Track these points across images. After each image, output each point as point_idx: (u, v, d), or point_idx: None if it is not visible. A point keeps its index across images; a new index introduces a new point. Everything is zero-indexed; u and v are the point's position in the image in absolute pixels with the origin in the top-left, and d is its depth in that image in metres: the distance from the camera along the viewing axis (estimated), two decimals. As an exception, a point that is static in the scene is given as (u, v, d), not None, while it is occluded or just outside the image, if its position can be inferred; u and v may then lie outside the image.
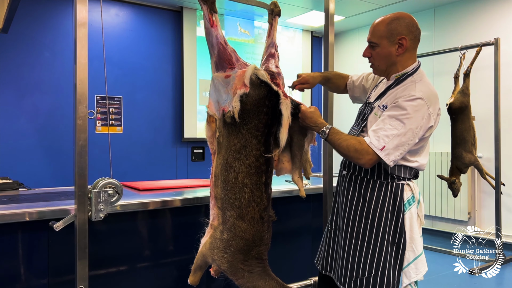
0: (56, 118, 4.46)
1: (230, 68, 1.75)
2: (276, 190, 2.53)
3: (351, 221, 1.79)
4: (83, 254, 1.69)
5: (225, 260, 1.71)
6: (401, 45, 1.71)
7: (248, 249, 1.72)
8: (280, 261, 2.58)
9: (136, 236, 2.12)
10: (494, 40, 4.06)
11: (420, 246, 1.76)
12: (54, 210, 1.80)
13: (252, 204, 1.70)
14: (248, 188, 1.69)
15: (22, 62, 4.32)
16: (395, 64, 1.75)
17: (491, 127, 4.21)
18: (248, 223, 1.69)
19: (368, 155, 1.62)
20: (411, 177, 1.77)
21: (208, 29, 1.76)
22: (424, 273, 1.78)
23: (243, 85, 1.65)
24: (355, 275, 1.75)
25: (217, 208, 1.78)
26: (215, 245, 1.74)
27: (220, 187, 1.74)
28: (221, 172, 1.74)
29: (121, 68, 4.82)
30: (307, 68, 6.19)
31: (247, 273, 1.73)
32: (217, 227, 1.76)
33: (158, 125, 5.10)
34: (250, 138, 1.68)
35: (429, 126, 1.66)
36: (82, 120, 1.67)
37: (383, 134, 1.62)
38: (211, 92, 1.82)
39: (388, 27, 1.72)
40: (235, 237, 1.70)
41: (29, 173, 4.20)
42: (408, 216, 1.73)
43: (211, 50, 1.79)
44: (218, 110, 1.75)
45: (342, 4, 5.03)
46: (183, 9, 5.10)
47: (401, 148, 1.62)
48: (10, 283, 1.81)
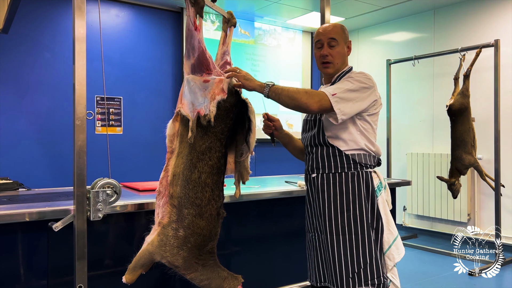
0: (56, 119, 4.47)
1: (207, 73, 1.81)
2: (276, 191, 2.53)
3: (334, 219, 1.82)
4: (82, 254, 1.70)
5: (180, 256, 1.77)
6: (349, 48, 1.95)
7: (204, 244, 1.79)
8: (280, 261, 2.58)
9: (136, 237, 2.12)
10: (494, 42, 4.06)
11: (395, 228, 1.90)
12: (54, 211, 1.80)
13: (212, 202, 1.79)
14: (209, 188, 1.78)
15: (22, 62, 4.32)
16: (344, 63, 1.93)
17: (491, 128, 4.21)
18: (206, 220, 1.78)
19: (318, 97, 1.72)
20: (375, 164, 1.91)
21: (191, 32, 1.79)
22: (404, 253, 1.89)
23: (221, 91, 1.76)
24: (351, 271, 1.78)
25: (170, 206, 1.82)
26: (167, 243, 1.77)
27: (180, 186, 1.79)
28: (183, 172, 1.79)
29: (121, 68, 4.83)
30: (307, 68, 6.19)
31: (201, 267, 1.81)
32: (168, 225, 1.80)
33: (158, 125, 5.07)
34: (215, 140, 1.79)
35: (375, 98, 1.83)
36: (81, 120, 1.68)
37: (336, 87, 1.78)
38: (185, 93, 1.85)
39: (342, 30, 1.93)
40: (193, 234, 1.76)
41: (29, 174, 4.20)
42: (381, 201, 1.86)
43: (190, 52, 1.83)
44: (192, 111, 1.80)
45: (342, 6, 5.04)
46: (183, 10, 5.11)
47: (349, 102, 1.74)
48: (10, 283, 1.81)
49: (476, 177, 4.69)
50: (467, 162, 4.04)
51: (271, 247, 2.58)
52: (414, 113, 5.41)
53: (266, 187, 2.62)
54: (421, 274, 3.83)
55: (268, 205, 2.56)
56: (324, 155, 1.87)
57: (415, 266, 4.07)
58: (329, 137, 1.84)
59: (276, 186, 2.74)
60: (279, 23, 5.84)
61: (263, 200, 2.51)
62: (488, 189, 4.37)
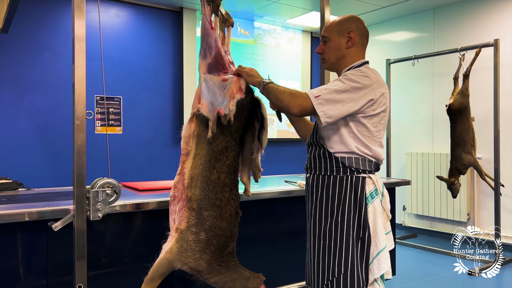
0: (55, 118, 4.46)
1: (224, 72, 1.81)
2: (276, 190, 2.53)
3: (318, 222, 1.78)
4: (81, 254, 1.70)
5: (204, 260, 1.74)
6: (350, 38, 1.81)
7: (226, 245, 1.77)
8: (280, 261, 2.58)
9: (135, 236, 2.12)
10: (493, 41, 4.07)
11: (383, 241, 1.74)
12: (54, 210, 1.80)
13: (231, 202, 1.78)
14: (228, 187, 1.78)
15: (21, 62, 4.32)
16: (344, 57, 1.83)
17: (491, 128, 4.21)
18: (226, 221, 1.76)
19: (300, 100, 1.66)
20: (372, 169, 1.78)
21: (208, 30, 1.78)
22: (387, 269, 1.74)
23: (239, 90, 1.75)
24: (326, 278, 1.73)
25: (188, 210, 1.78)
26: (188, 248, 1.74)
27: (199, 188, 1.77)
28: (201, 173, 1.77)
29: (120, 68, 4.82)
30: (306, 68, 6.19)
31: (224, 269, 1.78)
32: (187, 230, 1.76)
33: (158, 125, 5.10)
34: (231, 139, 1.78)
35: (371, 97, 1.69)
36: (80, 120, 1.68)
37: (323, 87, 1.69)
38: (204, 93, 1.83)
39: (338, 23, 1.84)
40: (215, 236, 1.74)
41: (28, 173, 4.20)
42: (371, 209, 1.73)
43: (207, 51, 1.83)
44: (212, 111, 1.78)
45: (342, 5, 5.04)
46: (183, 9, 5.10)
47: (335, 104, 1.64)
48: (10, 283, 1.81)
49: (475, 177, 4.69)
50: (467, 161, 4.04)
51: (271, 247, 2.58)
52: (413, 112, 5.41)
53: (265, 187, 2.62)
54: (420, 273, 3.83)
55: (267, 204, 2.56)
56: (316, 156, 1.82)
57: (414, 266, 4.07)
58: (320, 137, 1.80)
59: (276, 185, 2.73)
60: (278, 23, 5.84)
61: (263, 200, 2.51)
62: (488, 188, 4.37)
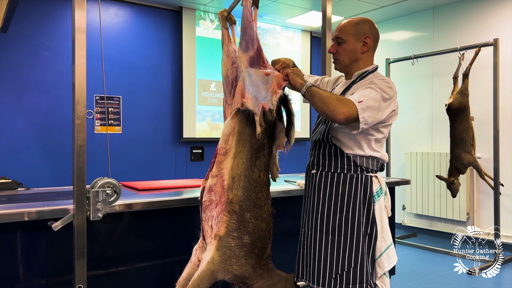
0: (55, 118, 4.46)
1: (264, 66, 1.79)
2: (276, 190, 2.53)
3: (325, 218, 1.81)
4: (81, 254, 1.69)
5: (250, 265, 1.64)
6: (366, 43, 1.87)
7: (266, 247, 1.71)
8: (280, 261, 2.58)
9: (135, 236, 2.12)
10: (493, 41, 4.06)
11: (390, 236, 1.84)
12: (53, 210, 1.80)
13: (268, 201, 1.75)
14: (266, 186, 1.74)
15: (21, 61, 4.31)
16: (357, 60, 1.89)
17: (490, 127, 4.22)
18: (265, 221, 1.71)
19: (347, 107, 1.67)
20: (377, 169, 1.87)
21: (250, 23, 1.77)
22: (395, 263, 1.85)
23: (279, 86, 1.73)
24: (334, 272, 1.76)
25: (228, 213, 1.68)
26: (232, 255, 1.63)
27: (242, 188, 1.69)
28: (244, 173, 1.70)
29: (120, 68, 4.82)
30: (306, 68, 6.19)
31: (266, 273, 1.71)
32: (227, 236, 1.65)
33: (157, 125, 5.10)
34: (266, 137, 1.75)
35: (393, 109, 1.78)
36: (81, 120, 1.68)
37: (361, 94, 1.72)
38: (247, 86, 1.76)
39: (355, 26, 1.87)
40: (259, 238, 1.66)
41: (28, 173, 4.19)
42: (378, 207, 1.82)
43: (249, 43, 1.79)
44: (257, 106, 1.72)
45: (341, 5, 5.03)
46: (182, 9, 5.10)
47: (373, 111, 1.70)
48: (9, 283, 1.81)
49: (475, 176, 4.69)
50: (466, 161, 4.04)
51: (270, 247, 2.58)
52: (413, 112, 5.41)
53: (265, 186, 2.61)
54: (420, 273, 3.83)
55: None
56: (326, 154, 1.86)
57: (414, 265, 4.07)
58: (333, 137, 1.83)
59: (276, 185, 2.73)
60: (278, 22, 5.83)
61: (263, 200, 2.50)
62: (487, 188, 4.38)
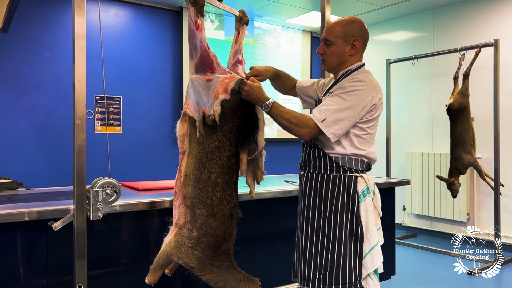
0: (55, 118, 4.46)
1: (210, 72, 1.81)
2: (276, 190, 2.53)
3: (311, 219, 1.85)
4: (81, 254, 1.70)
5: (195, 257, 1.77)
6: (354, 46, 1.85)
7: (218, 245, 1.79)
8: (279, 261, 2.58)
9: (135, 236, 2.12)
10: (493, 41, 4.07)
11: (375, 237, 1.83)
12: (53, 210, 1.80)
13: (224, 202, 1.79)
14: (220, 187, 1.78)
15: (21, 61, 4.31)
16: (345, 62, 1.88)
17: (490, 128, 4.21)
18: (219, 221, 1.78)
19: (308, 127, 1.72)
20: (364, 169, 1.86)
21: (193, 31, 1.80)
22: (380, 264, 1.84)
23: (224, 91, 1.75)
24: (318, 272, 1.80)
25: (185, 206, 1.83)
26: (182, 243, 1.79)
27: (191, 186, 1.80)
28: (193, 172, 1.80)
29: (120, 68, 4.82)
30: (306, 68, 6.19)
31: (216, 268, 1.80)
32: (184, 226, 1.81)
33: (158, 125, 5.10)
34: (224, 139, 1.78)
35: (372, 104, 1.77)
36: (81, 120, 1.68)
37: (325, 109, 1.74)
38: (190, 93, 1.86)
39: (344, 28, 1.84)
40: (206, 234, 1.76)
41: (28, 173, 4.20)
42: (363, 207, 1.82)
43: (193, 52, 1.84)
44: (198, 111, 1.80)
45: (341, 5, 5.04)
46: (182, 9, 5.10)
47: (340, 123, 1.72)
48: (9, 283, 1.81)
49: (475, 177, 4.69)
50: (467, 161, 4.04)
51: (270, 247, 2.58)
52: (413, 112, 5.41)
53: (265, 187, 2.62)
54: (420, 273, 3.83)
55: (267, 204, 2.56)
56: (310, 155, 1.90)
57: (414, 266, 4.07)
58: (316, 139, 1.84)
59: (276, 185, 2.73)
60: (278, 23, 5.83)
61: (263, 200, 2.51)
62: (488, 188, 4.38)
